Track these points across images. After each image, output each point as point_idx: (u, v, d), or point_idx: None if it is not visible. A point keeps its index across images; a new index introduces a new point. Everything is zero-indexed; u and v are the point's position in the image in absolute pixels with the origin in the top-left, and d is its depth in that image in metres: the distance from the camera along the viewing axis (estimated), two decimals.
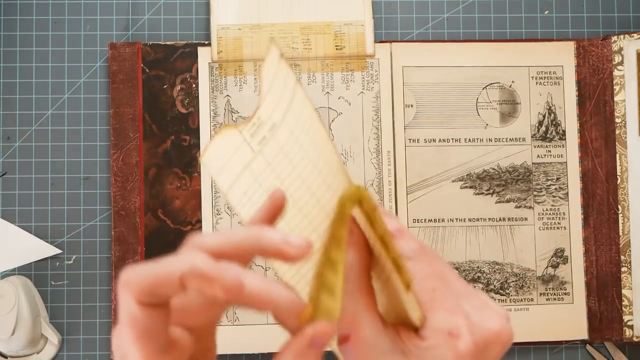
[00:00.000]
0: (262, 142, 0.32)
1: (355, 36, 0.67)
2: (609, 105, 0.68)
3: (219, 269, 0.25)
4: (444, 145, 0.68)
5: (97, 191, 0.67)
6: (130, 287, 0.26)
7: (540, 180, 0.68)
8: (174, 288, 0.26)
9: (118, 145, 0.66)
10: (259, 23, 0.67)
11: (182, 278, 0.25)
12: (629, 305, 0.66)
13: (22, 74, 0.68)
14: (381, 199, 0.67)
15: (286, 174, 0.32)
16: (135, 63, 0.67)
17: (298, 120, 0.31)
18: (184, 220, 0.66)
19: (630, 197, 0.67)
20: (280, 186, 0.32)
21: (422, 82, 0.68)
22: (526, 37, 0.70)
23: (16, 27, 0.68)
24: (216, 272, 0.25)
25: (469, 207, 0.67)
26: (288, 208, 0.32)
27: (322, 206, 0.32)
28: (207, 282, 0.25)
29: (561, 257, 0.68)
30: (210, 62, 0.67)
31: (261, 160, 0.32)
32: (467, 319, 0.30)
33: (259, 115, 0.31)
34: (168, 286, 0.26)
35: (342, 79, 0.67)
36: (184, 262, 0.25)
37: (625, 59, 0.67)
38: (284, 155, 0.32)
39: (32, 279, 0.66)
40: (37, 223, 0.67)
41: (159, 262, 0.26)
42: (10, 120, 0.68)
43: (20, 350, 0.64)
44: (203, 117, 0.66)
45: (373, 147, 0.67)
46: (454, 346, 0.30)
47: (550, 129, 0.68)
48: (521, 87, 0.68)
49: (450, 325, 0.30)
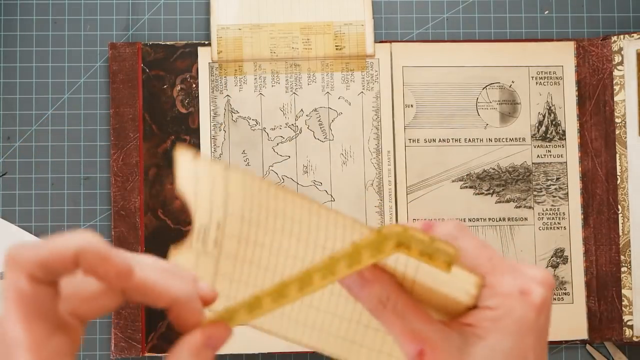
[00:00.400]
0: (216, 243, 0.31)
1: (355, 36, 0.67)
2: (609, 105, 0.68)
3: (113, 251, 0.25)
4: (444, 145, 0.68)
5: (97, 191, 0.67)
6: (21, 262, 0.25)
7: (540, 180, 0.68)
8: (68, 264, 0.25)
9: (118, 145, 0.66)
10: (259, 23, 0.67)
11: (77, 254, 0.25)
12: (629, 305, 0.66)
13: (22, 74, 0.68)
14: (381, 199, 0.67)
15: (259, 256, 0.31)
16: (135, 63, 0.67)
17: (243, 201, 0.30)
18: (184, 220, 0.66)
19: (630, 197, 0.67)
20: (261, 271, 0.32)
21: (422, 82, 0.68)
22: (526, 37, 0.70)
23: (16, 27, 0.68)
24: (109, 252, 0.25)
25: (469, 207, 0.67)
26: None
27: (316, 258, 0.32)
28: (101, 260, 0.25)
29: (561, 257, 0.68)
30: (210, 62, 0.67)
31: (225, 259, 0.31)
32: (527, 275, 0.31)
33: (199, 224, 0.30)
34: (62, 262, 0.25)
35: (342, 79, 0.67)
36: (80, 238, 0.25)
37: (625, 59, 0.67)
38: (245, 242, 0.31)
39: None
40: (37, 223, 0.67)
41: (52, 238, 0.25)
42: (10, 120, 0.68)
43: None
44: (203, 117, 0.66)
45: (373, 147, 0.67)
46: (530, 302, 0.30)
47: (550, 129, 0.68)
48: (521, 87, 0.68)
49: (519, 285, 0.30)
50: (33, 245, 0.25)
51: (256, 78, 0.67)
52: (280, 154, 0.67)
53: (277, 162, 0.67)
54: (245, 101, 0.67)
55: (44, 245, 0.25)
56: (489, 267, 0.31)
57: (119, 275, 0.25)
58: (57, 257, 0.25)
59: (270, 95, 0.67)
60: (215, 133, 0.66)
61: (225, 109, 0.67)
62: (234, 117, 0.67)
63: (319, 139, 0.67)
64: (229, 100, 0.67)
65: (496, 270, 0.31)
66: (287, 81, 0.67)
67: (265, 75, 0.67)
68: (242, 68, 0.67)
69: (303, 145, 0.67)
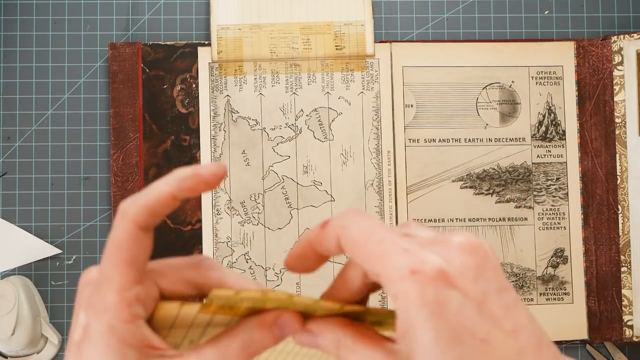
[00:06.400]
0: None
1: (355, 36, 0.67)
2: (609, 105, 0.68)
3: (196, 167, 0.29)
4: (444, 145, 0.68)
5: (97, 191, 0.67)
6: (130, 213, 0.29)
7: (540, 180, 0.68)
8: (170, 202, 0.29)
9: (118, 145, 0.66)
10: (259, 23, 0.67)
11: (173, 193, 0.29)
12: (629, 305, 0.66)
13: (22, 74, 0.68)
14: (381, 199, 0.67)
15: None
16: (135, 63, 0.67)
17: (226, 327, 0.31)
18: (184, 220, 0.66)
19: (630, 197, 0.67)
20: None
21: (422, 82, 0.68)
22: (526, 37, 0.70)
23: (16, 27, 0.68)
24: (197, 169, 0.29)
25: (469, 207, 0.67)
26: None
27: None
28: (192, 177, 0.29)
29: (561, 257, 0.68)
30: (210, 62, 0.67)
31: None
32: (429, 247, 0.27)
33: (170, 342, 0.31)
34: (165, 202, 0.29)
35: (342, 79, 0.67)
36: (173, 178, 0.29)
37: (625, 59, 0.67)
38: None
39: (32, 279, 0.66)
40: (37, 223, 0.67)
41: (149, 188, 0.29)
42: (10, 120, 0.68)
43: (20, 350, 0.64)
44: (203, 117, 0.66)
45: (373, 147, 0.67)
46: (423, 280, 0.26)
47: (550, 129, 0.68)
48: (521, 87, 0.68)
49: (410, 263, 0.26)
50: (139, 197, 0.29)
51: (256, 78, 0.67)
52: (280, 154, 0.67)
53: (277, 162, 0.67)
54: (245, 101, 0.67)
55: (146, 194, 0.29)
56: (378, 253, 0.27)
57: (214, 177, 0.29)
58: (160, 200, 0.29)
59: (270, 95, 0.67)
60: (215, 133, 0.66)
61: (225, 109, 0.67)
62: (234, 117, 0.67)
63: (319, 139, 0.67)
64: (229, 100, 0.67)
65: (386, 254, 0.27)
66: (287, 81, 0.67)
67: (265, 75, 0.67)
68: (242, 68, 0.67)
69: (303, 145, 0.67)
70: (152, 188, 0.29)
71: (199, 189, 0.29)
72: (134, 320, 0.29)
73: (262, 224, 0.66)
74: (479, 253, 0.27)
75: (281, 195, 0.66)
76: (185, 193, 0.29)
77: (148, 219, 0.29)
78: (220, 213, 0.66)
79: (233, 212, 0.66)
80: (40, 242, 0.66)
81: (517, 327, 0.26)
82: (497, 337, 0.26)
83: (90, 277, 0.30)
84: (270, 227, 0.66)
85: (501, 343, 0.26)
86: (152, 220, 0.29)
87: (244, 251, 0.66)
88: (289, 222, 0.66)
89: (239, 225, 0.66)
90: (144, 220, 0.29)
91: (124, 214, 0.29)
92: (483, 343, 0.26)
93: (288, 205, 0.66)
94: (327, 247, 0.30)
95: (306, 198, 0.66)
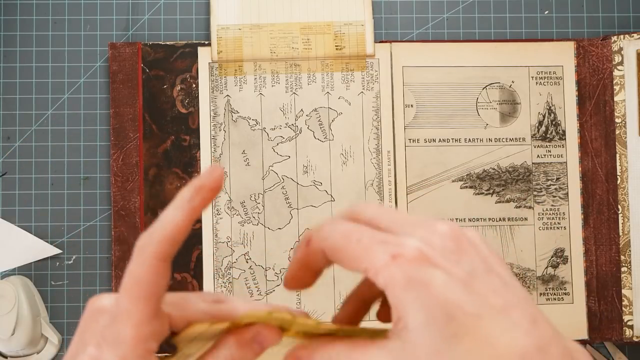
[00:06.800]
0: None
1: (355, 36, 0.67)
2: (609, 105, 0.68)
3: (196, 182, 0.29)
4: (444, 145, 0.68)
5: (97, 191, 0.67)
6: (151, 250, 0.29)
7: (540, 180, 0.68)
8: (187, 230, 0.29)
9: (118, 145, 0.66)
10: (259, 23, 0.67)
11: (190, 218, 0.29)
12: (629, 305, 0.66)
13: (22, 74, 0.68)
14: (381, 199, 0.67)
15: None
16: (135, 63, 0.67)
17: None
18: None
19: (630, 197, 0.67)
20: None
21: (422, 82, 0.68)
22: (526, 37, 0.70)
23: (16, 27, 0.68)
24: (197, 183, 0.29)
25: (469, 207, 0.67)
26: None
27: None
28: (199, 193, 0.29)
29: (561, 257, 0.68)
30: (210, 62, 0.67)
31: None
32: (408, 235, 0.27)
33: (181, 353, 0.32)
34: (183, 232, 0.29)
35: (342, 79, 0.67)
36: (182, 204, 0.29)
37: (625, 59, 0.67)
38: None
39: (32, 279, 0.66)
40: (37, 223, 0.67)
41: (164, 220, 0.29)
42: (10, 120, 0.68)
43: (20, 350, 0.64)
44: (203, 117, 0.66)
45: (373, 147, 0.67)
46: (404, 261, 0.26)
47: (550, 129, 0.68)
48: (521, 87, 0.68)
49: (390, 251, 0.26)
50: (154, 230, 0.29)
51: (256, 78, 0.67)
52: (280, 154, 0.67)
53: (277, 162, 0.67)
54: (245, 101, 0.67)
55: (163, 226, 0.29)
56: (360, 252, 0.27)
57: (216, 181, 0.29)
58: (179, 230, 0.29)
59: (270, 95, 0.67)
60: (215, 133, 0.66)
61: (225, 109, 0.67)
62: (234, 117, 0.67)
63: (319, 139, 0.67)
64: (229, 100, 0.67)
65: (367, 250, 0.27)
66: (287, 81, 0.67)
67: (265, 75, 0.67)
68: (242, 68, 0.67)
69: (303, 145, 0.67)
70: (166, 218, 0.29)
71: (209, 199, 0.30)
72: (147, 356, 0.29)
73: (262, 224, 0.66)
74: (459, 238, 0.27)
75: (281, 195, 0.66)
76: (198, 212, 0.29)
77: (168, 250, 0.29)
78: (220, 213, 0.66)
79: (233, 212, 0.66)
80: (40, 242, 0.66)
81: (507, 305, 0.26)
82: (488, 313, 0.26)
83: (101, 305, 0.30)
84: (270, 227, 0.66)
85: (493, 318, 0.26)
86: (172, 250, 0.29)
87: (244, 251, 0.66)
88: (289, 222, 0.66)
89: (239, 225, 0.66)
90: (165, 252, 0.29)
91: (144, 249, 0.29)
92: (475, 317, 0.25)
93: (288, 205, 0.66)
94: (316, 262, 0.31)
95: (306, 198, 0.66)
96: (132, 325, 0.28)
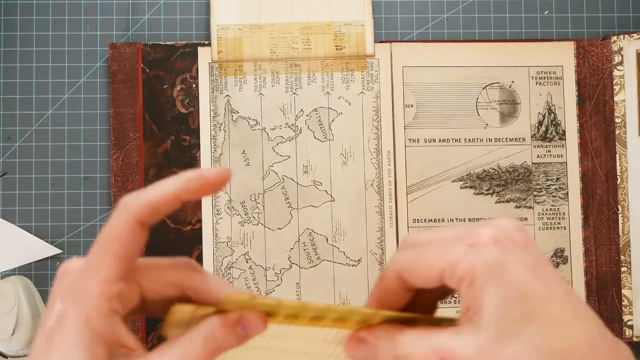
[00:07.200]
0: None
1: (355, 36, 0.67)
2: (609, 105, 0.68)
3: (202, 170, 0.30)
4: (444, 145, 0.68)
5: (97, 191, 0.67)
6: (132, 208, 0.29)
7: (540, 180, 0.68)
8: (172, 202, 0.29)
9: (118, 145, 0.66)
10: (259, 23, 0.67)
11: (177, 192, 0.29)
12: (629, 305, 0.66)
13: (22, 74, 0.68)
14: (381, 199, 0.67)
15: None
16: (135, 63, 0.67)
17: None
18: (184, 220, 0.66)
19: (630, 197, 0.67)
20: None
21: (422, 82, 0.68)
22: (526, 37, 0.70)
23: (16, 27, 0.68)
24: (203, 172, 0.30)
25: (469, 207, 0.67)
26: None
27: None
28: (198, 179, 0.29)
29: (561, 257, 0.68)
30: (210, 62, 0.67)
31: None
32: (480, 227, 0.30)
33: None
34: (167, 202, 0.29)
35: (342, 79, 0.67)
36: (179, 180, 0.29)
37: (625, 59, 0.67)
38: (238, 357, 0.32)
39: (32, 279, 0.66)
40: (37, 223, 0.67)
41: (154, 186, 0.29)
42: (10, 120, 0.68)
43: (20, 350, 0.64)
44: (203, 117, 0.66)
45: (373, 147, 0.67)
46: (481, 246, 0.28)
47: (550, 129, 0.68)
48: (521, 87, 0.68)
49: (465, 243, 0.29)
50: (143, 193, 0.29)
51: (256, 78, 0.67)
52: (280, 154, 0.67)
53: (277, 162, 0.67)
54: (245, 101, 0.67)
55: (150, 191, 0.29)
56: (434, 256, 0.29)
57: (219, 180, 0.30)
58: (163, 199, 0.29)
59: (270, 95, 0.67)
60: (215, 133, 0.66)
61: (225, 109, 0.67)
62: (234, 117, 0.67)
63: (319, 139, 0.67)
64: (229, 100, 0.67)
65: (441, 252, 0.29)
66: (287, 81, 0.67)
67: (265, 75, 0.67)
68: (242, 68, 0.67)
69: (303, 145, 0.67)
70: (156, 186, 0.29)
71: (204, 191, 0.30)
72: (111, 315, 0.28)
73: (262, 224, 0.66)
74: (524, 230, 0.30)
75: (281, 195, 0.66)
76: (189, 194, 0.29)
77: (148, 216, 0.29)
78: (220, 213, 0.66)
79: (233, 212, 0.66)
80: (40, 242, 0.66)
81: (567, 293, 0.28)
82: (556, 297, 0.28)
83: (71, 266, 0.30)
84: (270, 227, 0.66)
85: (560, 302, 0.27)
86: (152, 218, 0.29)
87: (244, 251, 0.66)
88: (289, 222, 0.66)
89: (239, 225, 0.66)
90: (144, 216, 0.29)
91: (126, 207, 0.29)
92: (545, 300, 0.27)
93: (288, 205, 0.66)
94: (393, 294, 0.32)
95: (306, 198, 0.66)
96: (99, 280, 0.28)
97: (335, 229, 0.66)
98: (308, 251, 0.66)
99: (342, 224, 0.66)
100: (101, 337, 0.28)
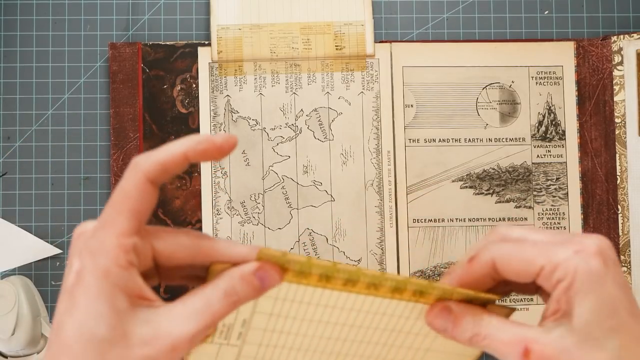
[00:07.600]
0: (240, 336, 0.33)
1: (355, 36, 0.67)
2: (609, 105, 0.68)
3: (210, 135, 0.31)
4: (444, 145, 0.68)
5: (97, 191, 0.67)
6: (143, 166, 0.30)
7: (540, 180, 0.68)
8: (181, 161, 0.30)
9: (118, 145, 0.66)
10: (259, 23, 0.67)
11: (186, 154, 0.30)
12: None
13: (22, 74, 0.68)
14: (381, 199, 0.67)
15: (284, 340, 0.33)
16: (135, 63, 0.67)
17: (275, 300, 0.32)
18: (184, 220, 0.66)
19: (630, 197, 0.67)
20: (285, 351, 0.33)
21: (422, 82, 0.68)
22: (526, 37, 0.70)
23: (16, 27, 0.68)
24: (210, 136, 0.31)
25: (469, 207, 0.67)
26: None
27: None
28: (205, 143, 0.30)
29: None
30: (210, 62, 0.67)
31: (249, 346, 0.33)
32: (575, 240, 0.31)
33: (222, 323, 0.32)
34: (176, 161, 0.30)
35: (342, 79, 0.67)
36: (188, 141, 0.31)
37: (624, 59, 0.67)
38: (271, 331, 0.33)
39: (32, 279, 0.66)
40: (37, 223, 0.67)
41: (163, 147, 0.30)
42: (10, 120, 0.68)
43: (20, 350, 0.64)
44: (203, 117, 0.66)
45: (373, 147, 0.67)
46: (588, 254, 0.30)
47: (550, 129, 0.68)
48: (521, 87, 0.68)
49: (571, 248, 0.30)
50: (152, 154, 0.30)
51: (256, 78, 0.67)
52: (280, 154, 0.67)
53: (277, 162, 0.67)
54: (245, 101, 0.67)
55: (160, 151, 0.30)
56: (536, 252, 0.31)
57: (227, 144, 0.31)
58: (172, 157, 0.30)
59: (270, 95, 0.67)
60: (215, 133, 0.66)
61: (225, 109, 0.67)
62: (234, 117, 0.67)
63: (319, 139, 0.67)
64: (229, 100, 0.67)
65: (544, 250, 0.31)
66: (287, 81, 0.67)
67: (265, 75, 0.67)
68: (242, 68, 0.67)
69: (303, 145, 0.67)
70: (166, 146, 0.30)
71: (211, 154, 0.31)
72: (129, 268, 0.29)
73: (262, 224, 0.66)
74: (614, 250, 0.32)
75: (281, 195, 0.66)
76: (197, 156, 0.31)
77: (159, 174, 0.30)
78: (220, 213, 0.66)
79: (233, 212, 0.66)
80: (40, 242, 0.66)
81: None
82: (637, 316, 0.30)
83: (86, 227, 0.31)
84: (270, 227, 0.66)
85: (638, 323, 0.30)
86: (162, 176, 0.30)
87: None
88: (289, 222, 0.66)
89: (239, 225, 0.66)
90: (155, 174, 0.30)
91: (137, 166, 0.30)
92: (633, 317, 0.30)
93: (288, 205, 0.66)
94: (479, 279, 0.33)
95: (306, 198, 0.67)
96: (115, 234, 0.29)
97: (335, 229, 0.66)
98: (308, 251, 0.66)
99: (342, 224, 0.66)
100: (121, 289, 0.29)
